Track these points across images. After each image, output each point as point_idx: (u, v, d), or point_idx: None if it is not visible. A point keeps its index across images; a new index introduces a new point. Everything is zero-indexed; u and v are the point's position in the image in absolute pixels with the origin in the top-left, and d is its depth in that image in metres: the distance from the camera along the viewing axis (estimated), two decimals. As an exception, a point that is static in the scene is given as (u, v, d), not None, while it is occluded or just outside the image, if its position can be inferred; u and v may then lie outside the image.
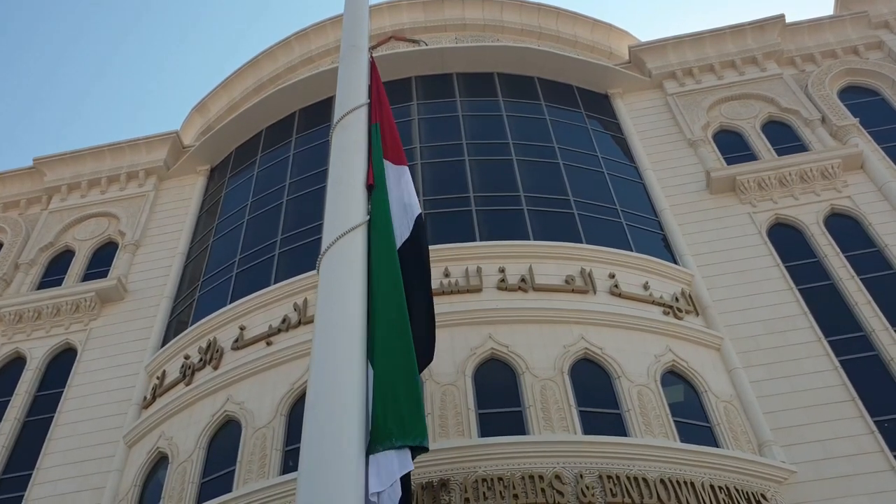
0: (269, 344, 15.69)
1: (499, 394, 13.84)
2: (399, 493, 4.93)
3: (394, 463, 4.91)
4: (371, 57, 7.86)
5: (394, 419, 5.04)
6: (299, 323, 15.64)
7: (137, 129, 77.19)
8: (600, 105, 22.31)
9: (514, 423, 13.30)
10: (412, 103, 21.25)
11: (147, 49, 73.62)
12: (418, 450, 5.15)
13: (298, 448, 4.82)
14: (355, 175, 6.07)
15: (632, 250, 16.99)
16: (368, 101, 6.90)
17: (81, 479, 15.92)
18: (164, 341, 18.31)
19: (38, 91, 70.55)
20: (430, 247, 16.07)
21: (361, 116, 6.61)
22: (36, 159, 23.91)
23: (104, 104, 74.15)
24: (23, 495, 15.99)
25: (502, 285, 15.55)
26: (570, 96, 22.12)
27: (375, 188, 6.16)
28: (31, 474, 16.36)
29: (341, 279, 5.34)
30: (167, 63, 75.16)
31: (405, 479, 5.07)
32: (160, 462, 15.39)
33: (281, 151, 21.72)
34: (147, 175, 23.42)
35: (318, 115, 21.82)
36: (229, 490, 13.49)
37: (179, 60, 76.24)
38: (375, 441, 4.94)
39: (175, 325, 18.71)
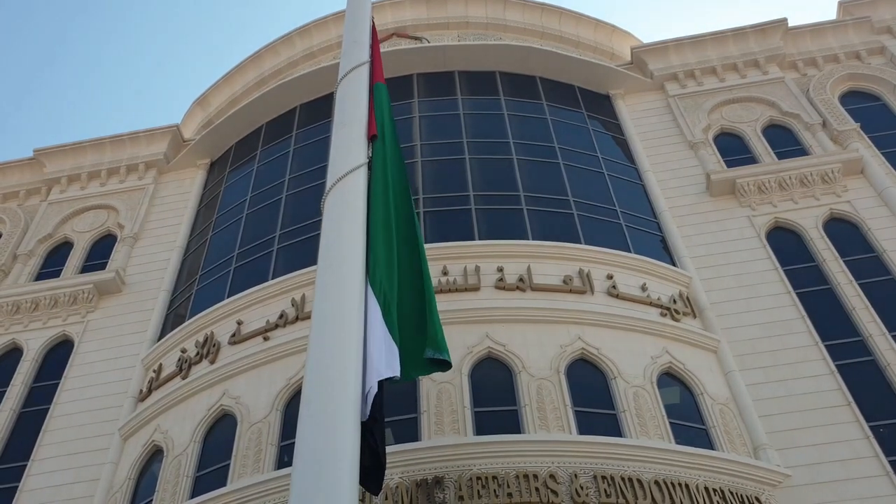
0: (266, 339, 15.68)
1: (495, 392, 13.84)
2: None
3: (395, 364, 5.37)
4: (372, 22, 8.19)
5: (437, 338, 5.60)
6: (297, 319, 15.64)
7: (138, 121, 77.18)
8: (601, 105, 22.31)
9: (509, 421, 13.30)
10: (413, 100, 21.23)
11: (149, 42, 73.58)
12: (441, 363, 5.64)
13: (294, 443, 4.81)
14: (356, 123, 6.58)
15: (630, 252, 16.99)
16: (370, 59, 7.38)
17: (76, 471, 15.93)
18: (162, 334, 18.31)
19: (39, 82, 70.51)
20: (429, 245, 16.21)
21: (363, 74, 7.07)
22: (36, 150, 23.90)
23: (105, 96, 74.12)
24: (17, 486, 16.00)
25: (500, 284, 15.55)
26: (571, 96, 22.12)
27: (379, 141, 6.71)
28: (26, 465, 16.35)
29: (344, 214, 5.80)
30: (169, 56, 75.13)
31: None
32: (155, 455, 15.39)
33: (281, 146, 21.70)
34: (147, 168, 23.41)
35: (319, 111, 21.80)
36: (224, 484, 13.49)
37: (182, 54, 76.22)
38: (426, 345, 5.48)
39: (172, 319, 18.70)
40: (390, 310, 5.48)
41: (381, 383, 5.19)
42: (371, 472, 5.21)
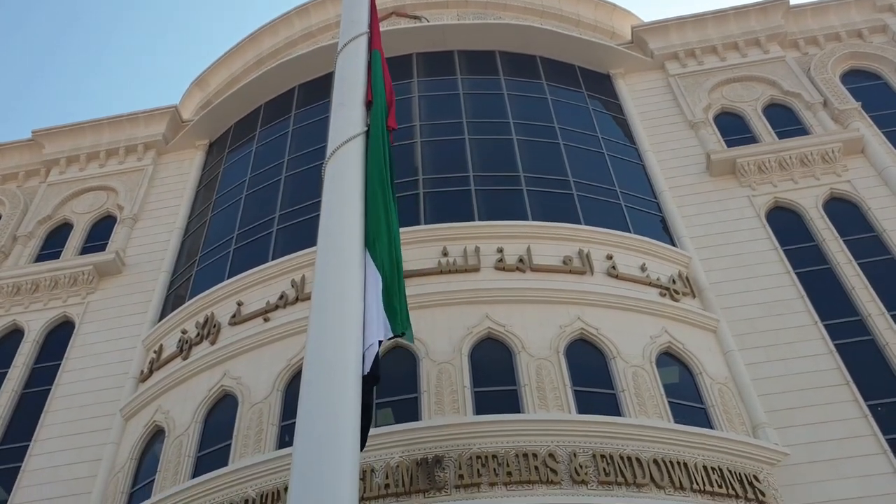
0: (266, 320, 15.72)
1: (495, 373, 13.89)
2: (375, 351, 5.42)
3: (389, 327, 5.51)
4: None
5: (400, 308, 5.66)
6: (297, 300, 15.66)
7: (137, 102, 76.90)
8: (602, 85, 22.21)
9: (509, 401, 13.36)
10: (412, 80, 21.13)
11: (148, 23, 73.13)
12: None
13: (294, 423, 4.85)
14: (355, 93, 6.81)
15: (630, 232, 16.99)
16: (368, 30, 7.54)
17: (78, 451, 16.01)
18: (162, 315, 18.34)
19: (38, 63, 70.16)
20: (429, 226, 16.22)
21: (362, 44, 7.24)
22: (35, 131, 23.82)
23: (104, 77, 73.80)
24: (20, 466, 16.09)
25: (500, 265, 15.56)
26: (571, 76, 22.02)
27: (373, 105, 6.88)
28: (28, 446, 16.44)
29: (342, 181, 6.03)
30: (168, 37, 74.71)
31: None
32: (157, 435, 15.47)
33: (280, 127, 21.63)
34: (146, 149, 23.35)
35: (318, 91, 21.70)
36: (225, 464, 13.58)
37: (180, 34, 75.80)
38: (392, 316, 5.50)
39: (173, 300, 18.73)
40: (384, 271, 5.62)
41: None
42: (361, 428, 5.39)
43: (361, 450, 5.45)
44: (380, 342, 5.35)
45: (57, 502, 15.24)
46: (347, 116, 6.58)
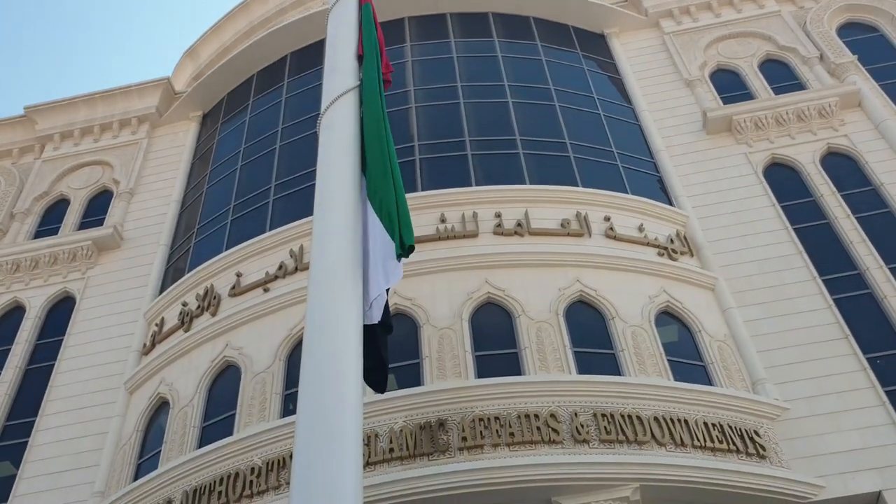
0: (266, 290, 15.76)
1: (495, 336, 13.97)
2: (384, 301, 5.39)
3: (398, 269, 5.34)
4: None
5: (404, 228, 5.47)
6: (296, 269, 15.69)
7: (129, 76, 76.22)
8: (597, 45, 22.02)
9: (510, 364, 13.46)
10: (405, 45, 20.94)
11: (135, -7, 72.19)
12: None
13: (297, 392, 4.89)
14: (347, 52, 6.86)
15: (627, 192, 16.96)
16: None
17: (84, 425, 16.15)
18: (162, 288, 18.38)
19: (28, 39, 69.41)
20: (427, 192, 16.19)
21: (351, 4, 7.46)
22: (27, 107, 23.67)
23: (95, 51, 73.08)
24: (27, 441, 16.24)
25: (498, 230, 15.56)
26: (566, 36, 21.82)
27: (364, 58, 6.90)
28: (34, 421, 16.57)
29: (337, 136, 6.05)
30: (158, 8, 73.83)
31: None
32: (161, 407, 15.60)
33: (273, 96, 21.49)
34: (140, 122, 23.23)
35: (310, 58, 21.52)
36: (230, 433, 13.71)
37: (170, 5, 74.90)
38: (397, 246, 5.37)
39: (172, 273, 18.76)
40: (384, 209, 5.57)
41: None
42: (376, 373, 5.48)
43: (382, 392, 5.59)
44: (387, 290, 5.38)
45: (65, 476, 15.41)
46: (339, 74, 6.58)
